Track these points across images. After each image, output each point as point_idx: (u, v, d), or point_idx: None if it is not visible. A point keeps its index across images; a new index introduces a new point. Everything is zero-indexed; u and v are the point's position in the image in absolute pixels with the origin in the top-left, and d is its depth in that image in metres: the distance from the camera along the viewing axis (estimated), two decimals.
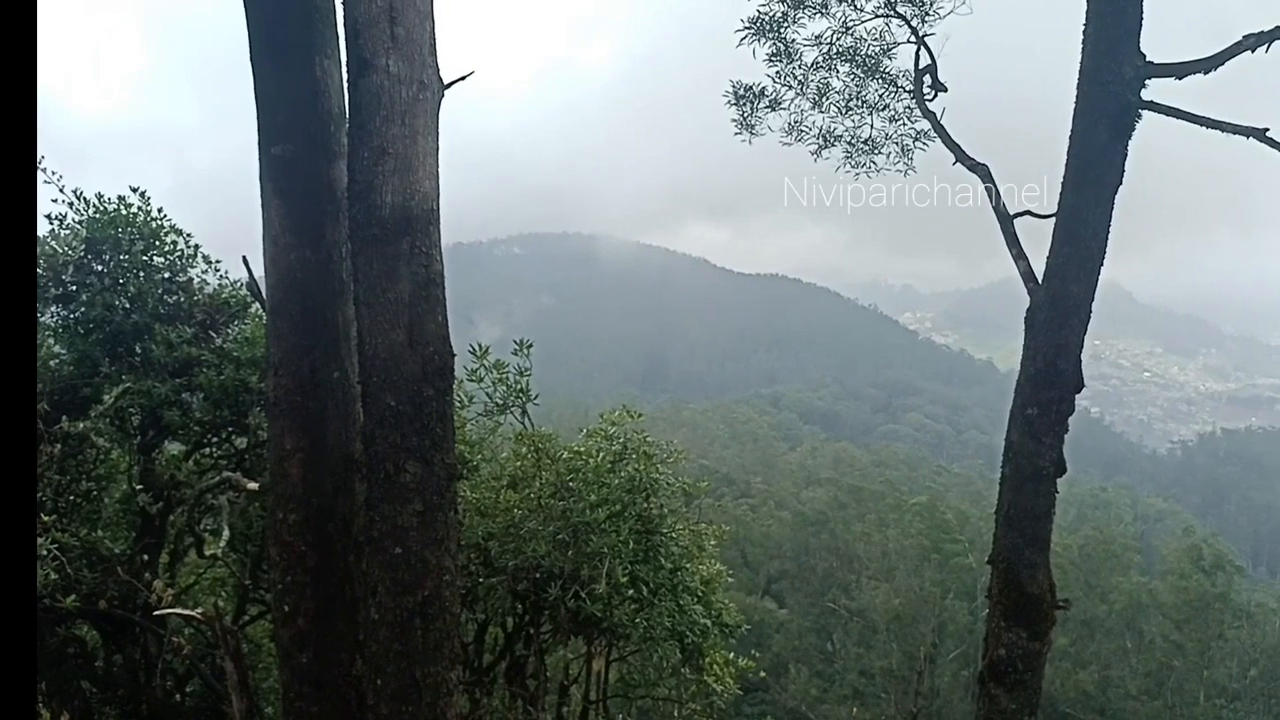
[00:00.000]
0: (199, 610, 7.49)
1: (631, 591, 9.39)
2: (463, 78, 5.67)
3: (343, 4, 5.35)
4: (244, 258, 6.73)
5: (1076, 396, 6.52)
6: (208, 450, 11.37)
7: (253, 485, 7.39)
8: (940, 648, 37.87)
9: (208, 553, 10.35)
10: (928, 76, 10.05)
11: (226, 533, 8.45)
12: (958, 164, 8.24)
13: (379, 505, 5.29)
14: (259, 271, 6.43)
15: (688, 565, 10.14)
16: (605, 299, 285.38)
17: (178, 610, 7.47)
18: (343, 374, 6.14)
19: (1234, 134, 5.82)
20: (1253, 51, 6.41)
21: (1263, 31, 6.47)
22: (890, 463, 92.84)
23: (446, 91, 5.57)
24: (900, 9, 11.83)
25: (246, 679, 6.76)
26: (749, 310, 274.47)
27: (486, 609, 10.64)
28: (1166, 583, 42.59)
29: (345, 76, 5.51)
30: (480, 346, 9.97)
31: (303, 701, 6.06)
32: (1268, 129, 5.69)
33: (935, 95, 10.13)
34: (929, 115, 9.59)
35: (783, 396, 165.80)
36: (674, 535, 10.23)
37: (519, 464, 10.52)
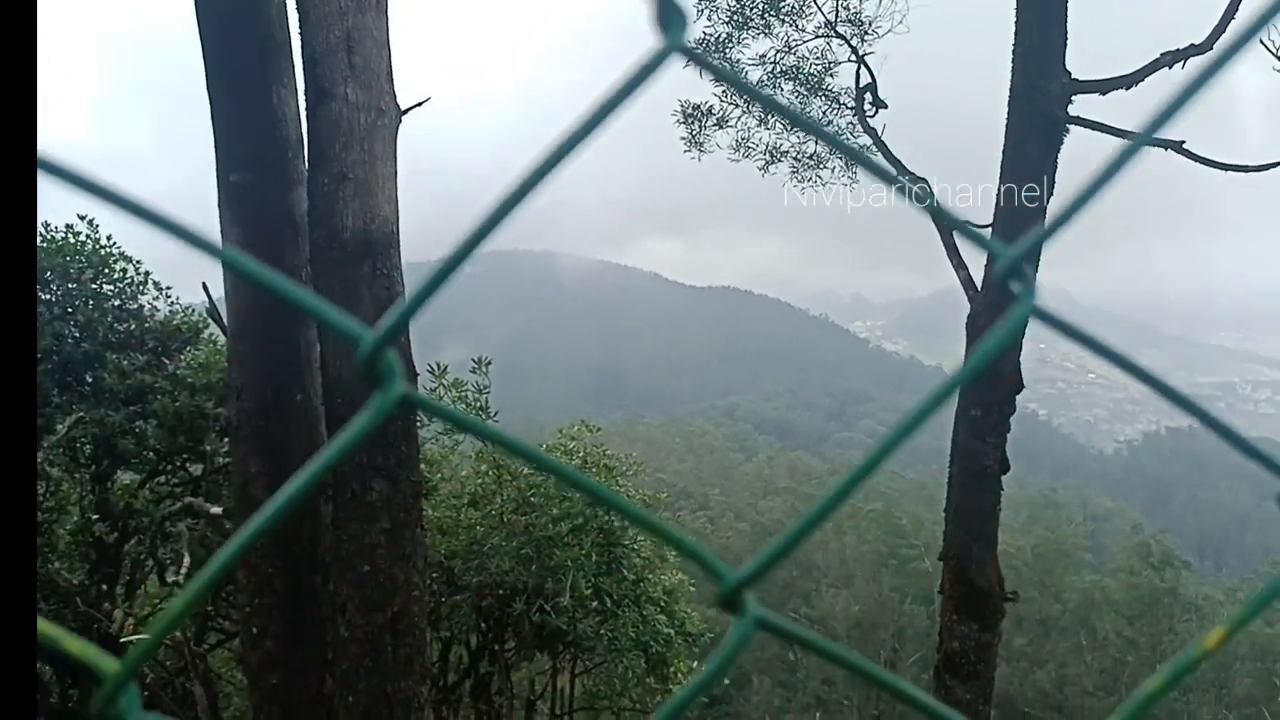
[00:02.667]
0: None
1: (595, 603, 9.52)
2: (419, 104, 5.81)
3: (300, 34, 5.47)
4: (204, 284, 6.77)
5: (1020, 398, 6.81)
6: (162, 478, 11.29)
7: (215, 510, 7.39)
8: (900, 651, 38.36)
9: (169, 580, 10.27)
10: (868, 94, 10.38)
11: (188, 559, 8.41)
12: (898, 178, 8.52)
13: (346, 524, 5.37)
14: (219, 295, 6.49)
15: (650, 576, 10.29)
16: (560, 315, 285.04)
17: (145, 636, 7.41)
18: (305, 396, 6.21)
19: (1153, 146, 6.15)
20: (1170, 68, 6.78)
21: (1178, 49, 6.86)
22: (845, 470, 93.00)
23: (405, 116, 5.70)
24: (840, 29, 12.21)
25: (215, 702, 6.76)
26: (703, 324, 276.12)
27: (451, 627, 10.69)
28: (1118, 580, 43.62)
29: (303, 104, 5.63)
30: (439, 366, 10.06)
31: None
32: (1184, 141, 6.03)
33: (876, 112, 10.47)
34: (870, 131, 9.91)
35: (737, 408, 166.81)
36: (635, 547, 10.38)
37: (479, 482, 10.60)
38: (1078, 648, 41.55)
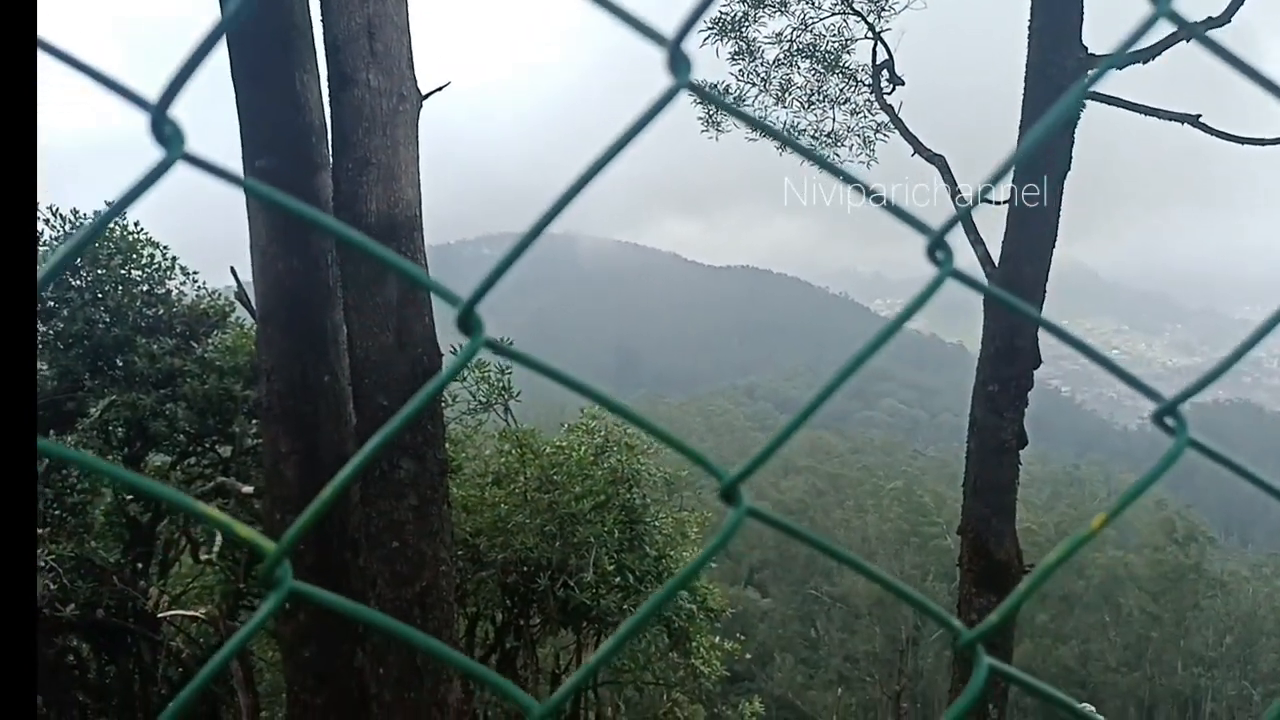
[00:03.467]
0: (203, 610, 7.66)
1: (618, 579, 9.66)
2: (440, 88, 5.90)
3: (322, 21, 5.57)
4: (232, 268, 6.91)
5: (1043, 374, 6.86)
6: (193, 459, 11.52)
7: (247, 489, 7.57)
8: (922, 630, 38.44)
9: (202, 558, 10.51)
10: (885, 71, 10.37)
11: (220, 537, 8.61)
12: (915, 155, 8.56)
13: (375, 501, 5.52)
14: (246, 280, 6.63)
15: (672, 553, 10.42)
16: (579, 297, 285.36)
17: (182, 612, 7.64)
18: (333, 377, 6.34)
19: (1170, 120, 6.16)
20: (1187, 41, 6.76)
21: (1196, 22, 6.82)
22: (866, 449, 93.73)
23: (425, 101, 5.80)
24: (856, 5, 12.18)
25: (251, 676, 6.96)
26: (722, 303, 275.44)
27: (477, 602, 10.88)
28: (1142, 556, 43.45)
29: (325, 91, 5.73)
30: (459, 347, 10.19)
31: (307, 694, 6.27)
32: (1200, 115, 6.03)
33: (893, 89, 10.46)
34: (887, 108, 9.91)
35: (757, 387, 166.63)
36: (657, 524, 10.51)
37: (503, 460, 10.75)
38: (1101, 624, 41.49)
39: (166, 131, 0.60)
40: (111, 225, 11.86)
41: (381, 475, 5.45)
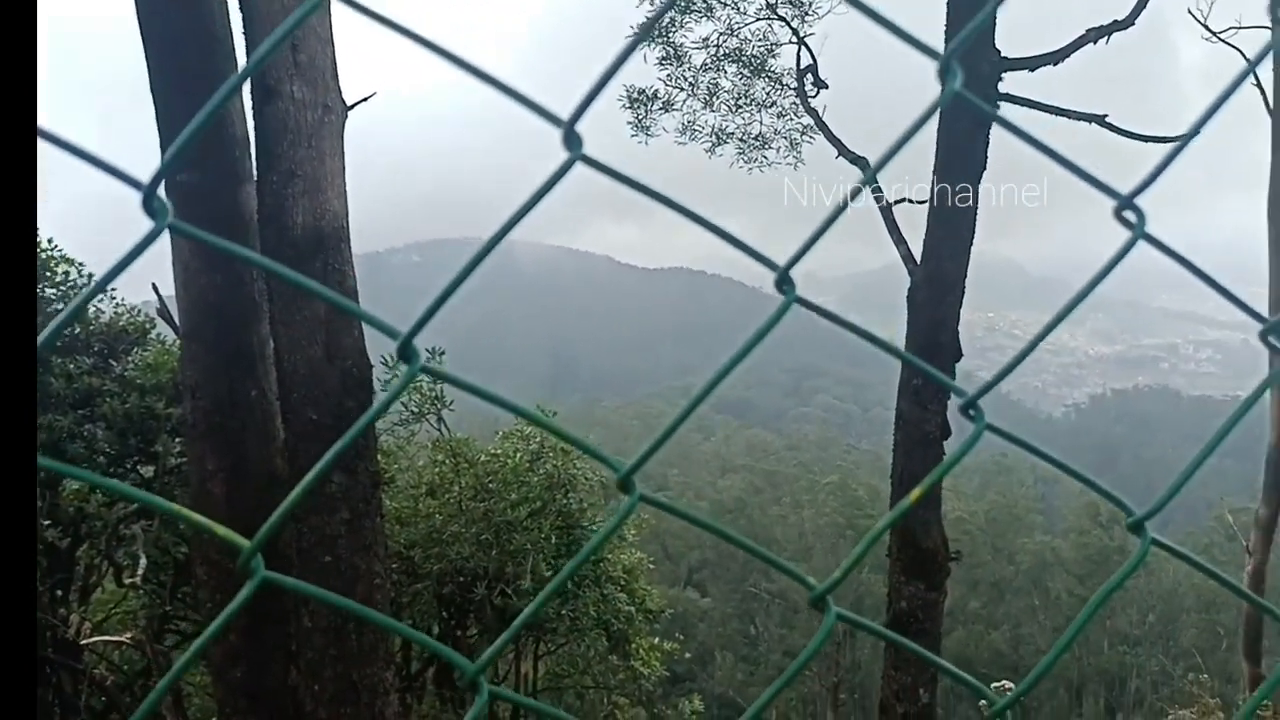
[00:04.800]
0: (128, 635, 7.46)
1: None
2: (364, 99, 5.86)
3: (244, 32, 5.48)
4: (154, 285, 6.75)
5: (968, 366, 7.07)
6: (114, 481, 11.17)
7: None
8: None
9: (126, 581, 10.20)
10: (809, 75, 10.56)
11: (144, 560, 8.39)
12: (840, 157, 8.73)
13: (306, 517, 5.44)
14: (168, 294, 6.48)
15: (610, 555, 10.45)
16: (517, 302, 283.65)
17: (105, 638, 7.42)
18: (260, 392, 6.24)
19: (1078, 120, 6.40)
20: (1095, 44, 7.03)
21: (1103, 25, 7.10)
22: (802, 445, 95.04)
23: (350, 112, 5.75)
24: (781, 11, 12.38)
25: (181, 700, 6.80)
26: (658, 305, 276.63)
27: (413, 615, 10.77)
28: (1068, 540, 44.84)
29: (248, 102, 5.65)
30: (391, 358, 10.08)
31: (239, 715, 6.15)
32: (1106, 115, 6.28)
33: (817, 92, 10.66)
34: (811, 111, 10.10)
35: (694, 388, 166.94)
36: (594, 528, 10.53)
37: (437, 471, 10.67)
38: (1031, 608, 42.68)
39: (155, 206, 0.72)
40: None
41: (312, 490, 5.38)
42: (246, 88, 5.59)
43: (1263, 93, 8.16)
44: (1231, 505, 29.31)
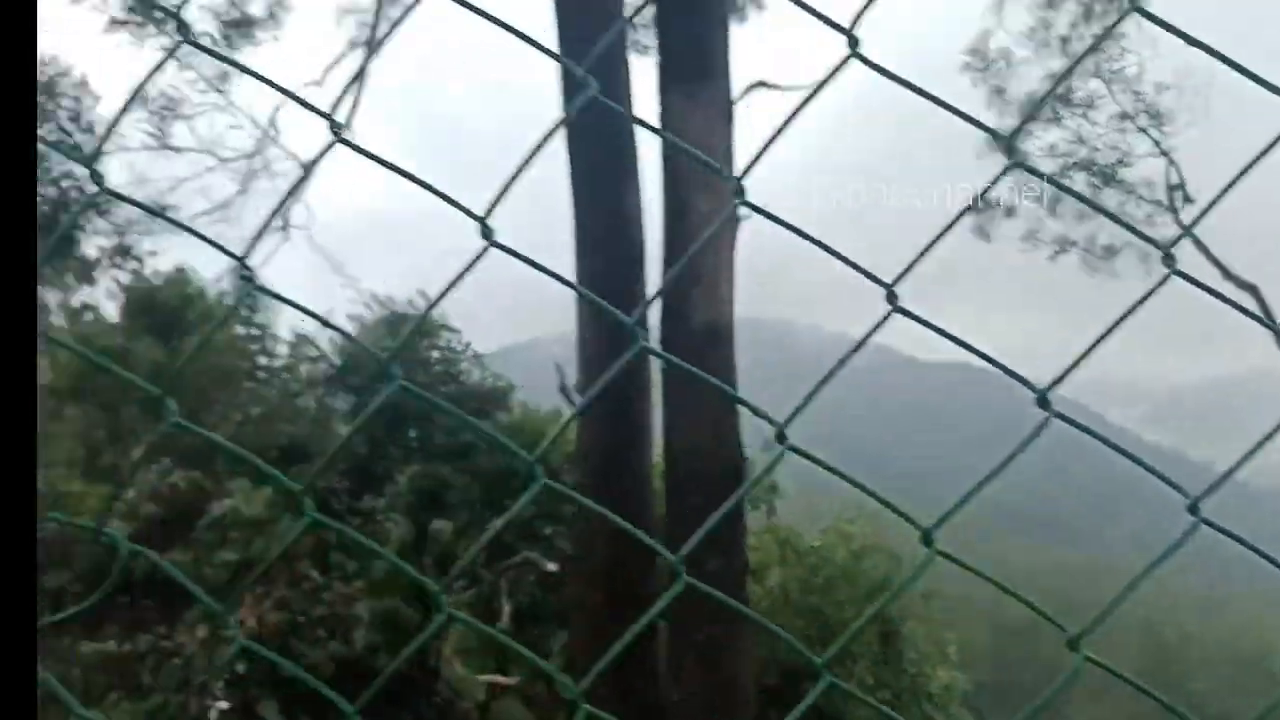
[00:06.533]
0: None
1: (877, 695, 9.42)
2: (754, 209, 6.43)
3: (663, 157, 6.25)
4: (557, 364, 7.67)
5: None
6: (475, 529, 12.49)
7: (552, 566, 8.11)
8: None
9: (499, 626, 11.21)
10: (1179, 191, 10.08)
11: (508, 608, 9.23)
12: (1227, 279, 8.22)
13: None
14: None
15: (929, 670, 10.09)
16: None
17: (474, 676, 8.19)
18: (638, 459, 6.82)
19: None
20: None
21: None
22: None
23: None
24: (1138, 120, 11.99)
25: None
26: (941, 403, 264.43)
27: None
28: None
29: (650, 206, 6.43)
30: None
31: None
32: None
33: (1183, 207, 10.14)
34: (1184, 228, 9.58)
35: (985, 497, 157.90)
36: (913, 639, 10.22)
37: (758, 554, 10.85)
38: None
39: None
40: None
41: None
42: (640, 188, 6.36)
43: None
44: None
